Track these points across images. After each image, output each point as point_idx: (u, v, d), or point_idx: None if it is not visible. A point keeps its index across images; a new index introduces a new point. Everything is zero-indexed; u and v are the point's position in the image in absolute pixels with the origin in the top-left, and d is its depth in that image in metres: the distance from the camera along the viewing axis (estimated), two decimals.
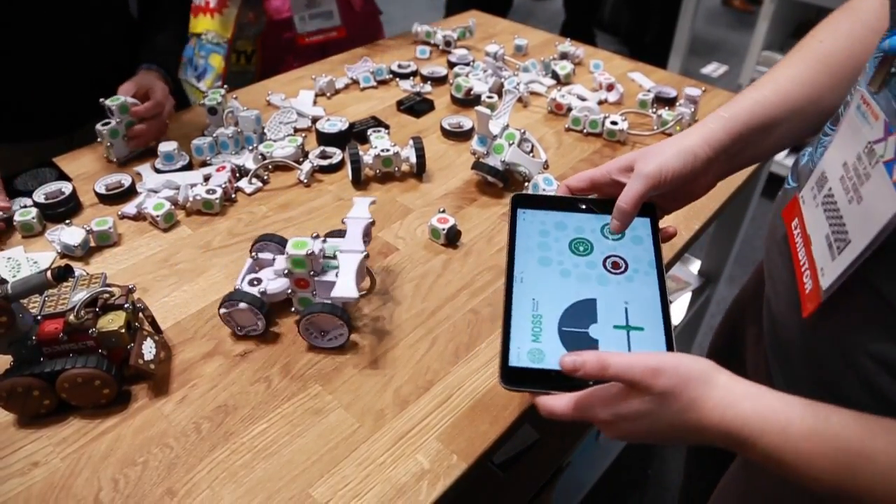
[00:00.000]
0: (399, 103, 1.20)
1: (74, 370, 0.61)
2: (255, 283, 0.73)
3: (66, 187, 0.91)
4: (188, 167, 1.00)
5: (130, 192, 0.94)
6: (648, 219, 0.61)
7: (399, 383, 0.68)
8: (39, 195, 0.90)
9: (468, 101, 1.19)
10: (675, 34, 2.80)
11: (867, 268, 0.43)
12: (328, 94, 1.23)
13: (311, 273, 0.69)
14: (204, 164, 1.02)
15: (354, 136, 1.09)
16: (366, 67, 1.30)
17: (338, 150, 1.04)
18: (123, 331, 0.63)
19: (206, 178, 0.96)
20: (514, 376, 0.52)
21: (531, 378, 0.52)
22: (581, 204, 0.62)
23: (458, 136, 1.10)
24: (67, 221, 0.85)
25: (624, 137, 1.10)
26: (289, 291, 0.72)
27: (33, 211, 0.87)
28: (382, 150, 0.97)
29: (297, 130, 1.11)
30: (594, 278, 0.57)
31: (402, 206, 0.94)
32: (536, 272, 0.57)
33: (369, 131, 1.06)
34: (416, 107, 1.19)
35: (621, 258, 0.59)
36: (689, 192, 0.60)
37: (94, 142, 1.00)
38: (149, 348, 0.66)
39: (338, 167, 1.02)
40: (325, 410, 0.65)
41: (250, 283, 0.73)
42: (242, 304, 0.69)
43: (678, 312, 1.45)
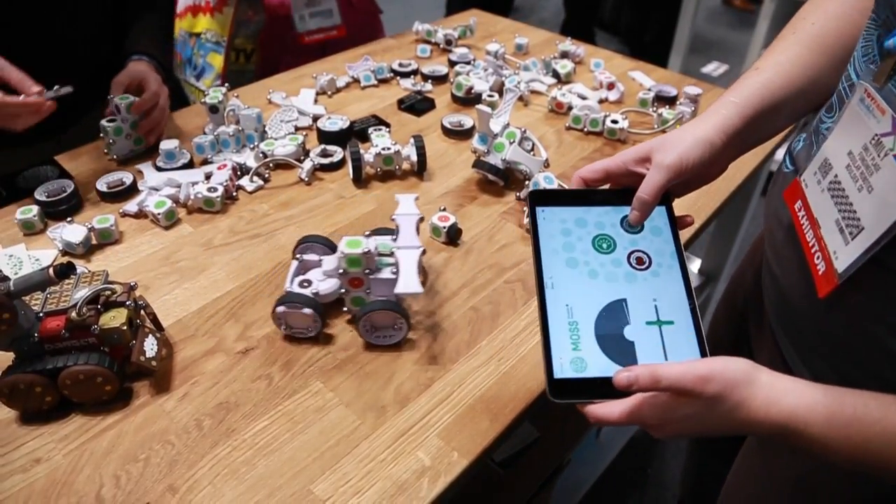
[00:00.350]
0: (400, 102, 1.20)
1: (76, 367, 0.62)
2: (306, 284, 0.72)
3: (68, 185, 0.91)
4: (189, 165, 1.00)
5: (132, 190, 0.95)
6: (664, 207, 0.62)
7: (400, 381, 0.68)
8: (41, 193, 0.90)
9: (469, 100, 1.19)
10: (676, 33, 2.80)
11: (884, 251, 0.45)
12: (329, 93, 1.23)
13: (367, 271, 0.69)
14: (205, 162, 1.02)
15: (355, 134, 1.09)
16: (367, 66, 1.30)
17: (339, 149, 1.04)
18: (125, 328, 0.64)
19: (208, 177, 0.96)
20: (561, 388, 0.52)
21: (576, 388, 0.52)
22: (598, 196, 0.62)
23: (459, 134, 1.11)
24: (69, 219, 0.85)
25: (624, 136, 1.10)
26: (342, 291, 0.72)
27: (35, 208, 0.87)
28: (383, 149, 0.97)
29: (298, 129, 1.12)
30: (621, 277, 0.58)
31: None
32: (565, 276, 0.57)
33: (370, 130, 1.06)
34: (417, 105, 1.19)
35: (644, 253, 0.59)
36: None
37: (85, 142, 0.99)
38: (150, 345, 0.66)
39: (339, 165, 1.02)
40: (327, 408, 0.65)
41: (300, 285, 0.72)
42: (307, 310, 0.69)
43: None
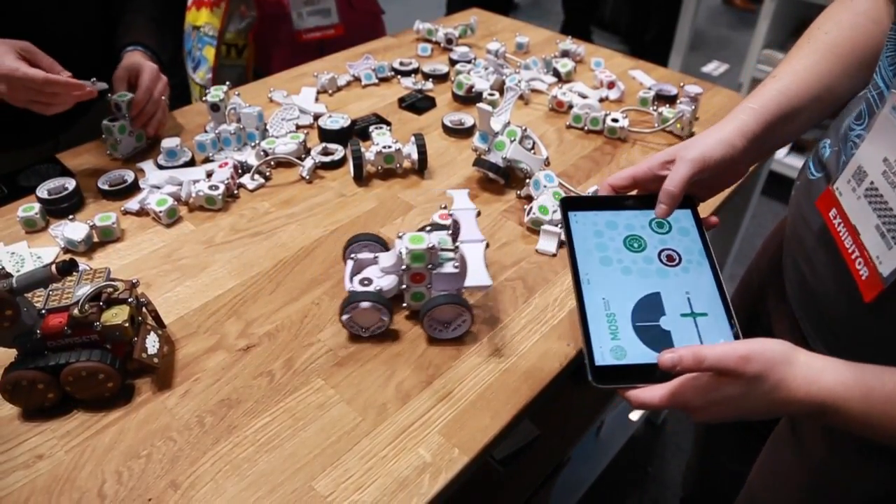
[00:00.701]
0: (401, 100, 1.20)
1: (78, 364, 0.62)
2: (366, 282, 0.73)
3: (70, 183, 0.92)
4: (191, 163, 1.00)
5: (133, 188, 0.95)
6: (689, 210, 0.65)
7: (401, 378, 0.68)
8: (43, 191, 0.90)
9: (469, 99, 1.19)
10: (676, 33, 2.80)
11: None
12: (330, 92, 1.24)
13: (429, 266, 0.70)
14: (206, 160, 1.02)
15: (356, 132, 1.09)
16: (367, 65, 1.30)
17: (340, 147, 1.04)
18: (127, 325, 0.64)
19: (209, 175, 0.96)
20: (603, 374, 0.54)
21: (617, 374, 0.54)
22: (626, 201, 0.66)
23: (460, 133, 1.11)
24: (71, 217, 0.86)
25: (625, 135, 1.10)
26: (402, 287, 0.72)
27: (36, 206, 0.87)
28: (384, 147, 0.97)
29: (299, 127, 1.12)
30: (654, 273, 0.60)
31: (403, 203, 0.94)
32: (600, 272, 0.60)
33: (371, 128, 1.06)
34: (418, 104, 1.19)
35: (674, 251, 0.62)
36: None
37: (84, 142, 0.99)
38: (152, 342, 0.67)
39: (340, 164, 1.03)
40: (328, 405, 0.65)
41: (361, 284, 0.73)
42: (365, 304, 0.69)
43: None
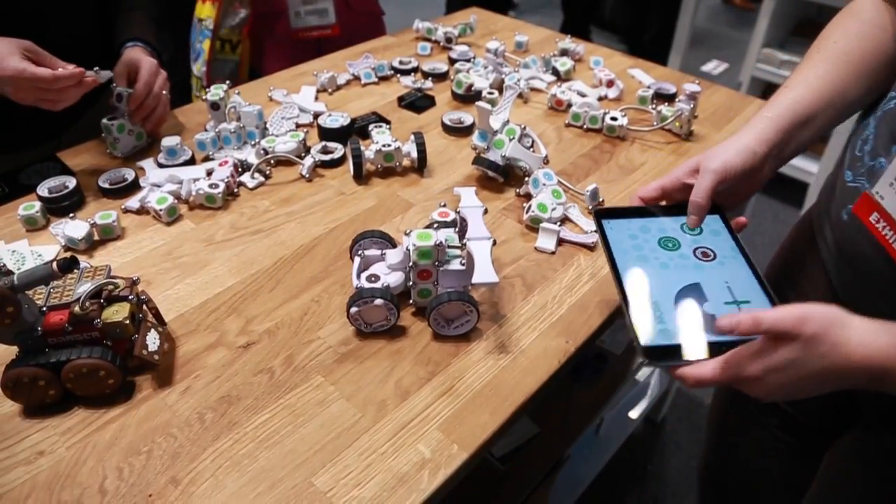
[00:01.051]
0: (400, 99, 1.21)
1: (79, 360, 0.62)
2: (374, 279, 0.73)
3: (70, 181, 0.92)
4: (191, 162, 1.01)
5: (134, 187, 0.95)
6: (718, 215, 0.68)
7: (400, 375, 0.68)
8: (43, 189, 0.90)
9: (469, 97, 1.19)
10: (676, 32, 2.80)
11: None
12: (330, 90, 1.24)
13: (436, 263, 0.70)
14: (206, 158, 1.02)
15: (356, 131, 1.09)
16: (367, 64, 1.30)
17: (339, 146, 1.04)
18: (128, 322, 0.64)
19: (209, 173, 0.96)
20: (653, 353, 0.56)
21: (665, 353, 0.56)
22: (655, 210, 0.68)
23: (459, 131, 1.11)
24: (71, 215, 0.86)
25: (624, 133, 1.10)
26: (409, 284, 0.72)
27: (37, 205, 0.88)
28: (384, 146, 0.98)
29: (298, 126, 1.12)
30: (691, 266, 0.63)
31: (403, 201, 0.95)
32: (639, 267, 0.63)
33: (371, 127, 1.07)
34: (417, 103, 1.19)
35: (708, 248, 0.65)
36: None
37: (85, 140, 0.99)
38: (153, 339, 0.67)
39: (339, 162, 1.03)
40: (328, 401, 0.66)
41: (368, 280, 0.73)
42: (378, 301, 0.69)
43: None
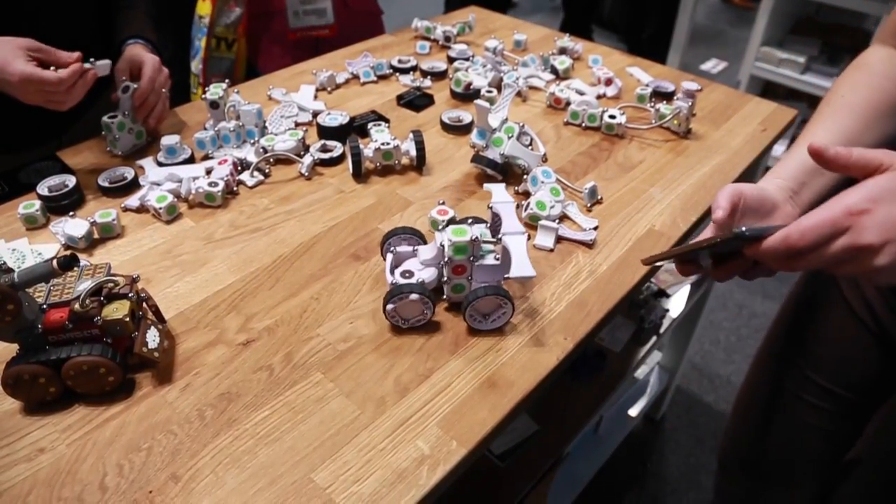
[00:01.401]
0: (399, 98, 1.21)
1: (80, 358, 0.62)
2: (408, 275, 0.73)
3: (70, 180, 0.92)
4: (190, 160, 1.01)
5: (133, 185, 0.95)
6: None
7: (399, 371, 0.69)
8: (43, 188, 0.91)
9: (467, 96, 1.20)
10: (675, 30, 2.80)
11: None
12: (329, 89, 1.24)
13: (471, 258, 0.71)
14: (206, 157, 1.02)
15: (355, 129, 1.09)
16: (366, 62, 1.30)
17: (338, 144, 1.04)
18: (128, 319, 0.64)
19: (209, 171, 0.96)
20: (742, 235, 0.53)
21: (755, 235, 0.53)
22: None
23: (458, 129, 1.11)
24: (71, 214, 0.86)
25: (622, 131, 1.11)
26: (443, 279, 0.73)
27: (37, 203, 0.88)
28: (383, 144, 0.98)
29: (298, 124, 1.12)
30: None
31: (402, 199, 0.95)
32: None
33: (370, 125, 1.07)
34: (416, 101, 1.20)
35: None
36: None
37: (86, 138, 0.99)
38: (153, 337, 0.67)
39: (338, 160, 1.03)
40: (327, 398, 0.66)
41: (403, 276, 0.73)
42: (414, 296, 0.70)
43: (677, 306, 1.45)
